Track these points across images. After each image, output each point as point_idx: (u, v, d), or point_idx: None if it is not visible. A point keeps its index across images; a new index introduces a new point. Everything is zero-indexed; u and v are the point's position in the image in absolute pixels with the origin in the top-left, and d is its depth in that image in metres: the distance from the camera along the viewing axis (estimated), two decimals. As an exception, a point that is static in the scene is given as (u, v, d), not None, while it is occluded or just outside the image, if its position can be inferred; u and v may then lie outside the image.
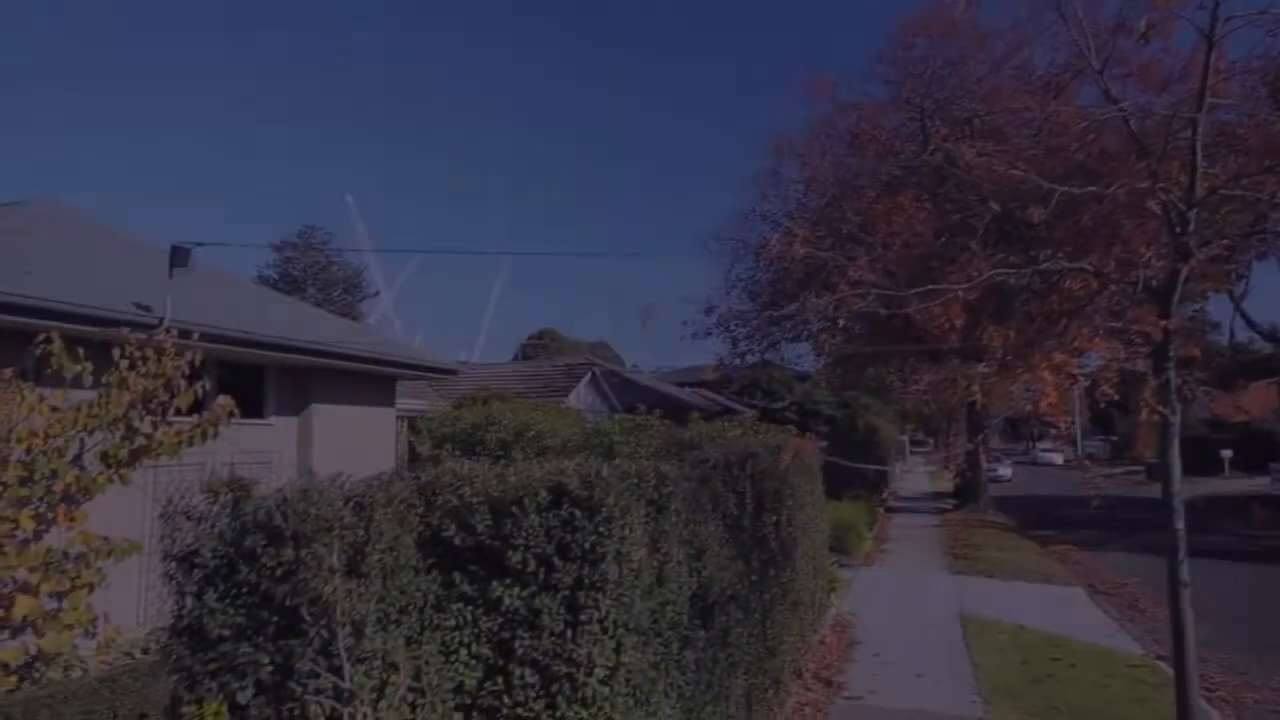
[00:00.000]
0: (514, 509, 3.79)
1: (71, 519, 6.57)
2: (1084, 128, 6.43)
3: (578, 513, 3.79)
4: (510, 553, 3.75)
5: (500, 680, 3.71)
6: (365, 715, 2.96)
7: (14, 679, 6.28)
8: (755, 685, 6.89)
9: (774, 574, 7.82)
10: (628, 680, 3.91)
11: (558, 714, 3.62)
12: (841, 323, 8.83)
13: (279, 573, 2.90)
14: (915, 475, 52.52)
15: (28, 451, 6.68)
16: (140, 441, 7.05)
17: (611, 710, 3.72)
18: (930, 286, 6.47)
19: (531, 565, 3.76)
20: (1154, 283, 5.91)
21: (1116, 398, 5.56)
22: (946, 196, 24.04)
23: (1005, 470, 44.78)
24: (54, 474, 6.80)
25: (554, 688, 3.66)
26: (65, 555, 6.83)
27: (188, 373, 7.47)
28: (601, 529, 3.79)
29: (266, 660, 2.88)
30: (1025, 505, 31.96)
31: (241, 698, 2.84)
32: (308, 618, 2.86)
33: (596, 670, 3.69)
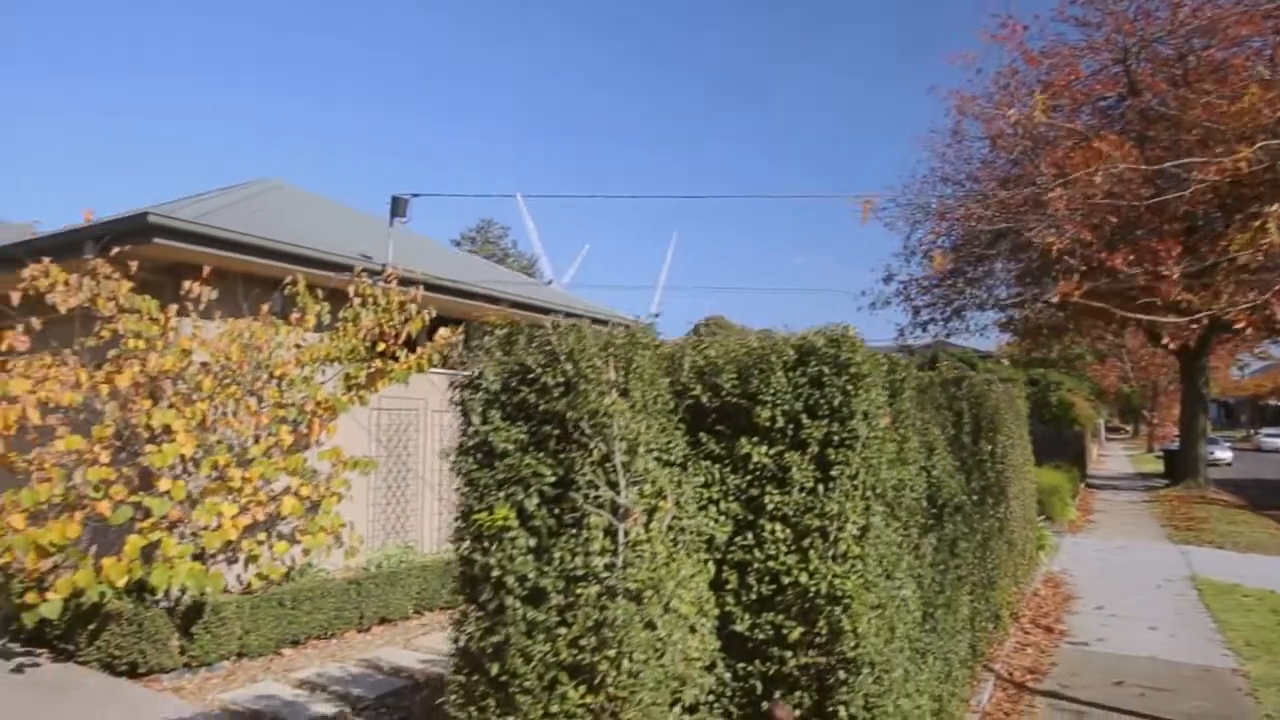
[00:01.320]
0: (761, 367, 3.79)
1: (326, 429, 7.19)
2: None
3: (825, 370, 3.74)
4: (758, 409, 3.74)
5: (750, 535, 3.73)
6: (638, 534, 3.04)
7: (283, 571, 6.96)
8: (978, 611, 6.59)
9: (991, 504, 7.44)
10: (876, 545, 3.82)
11: (810, 567, 3.59)
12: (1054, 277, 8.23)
13: (558, 391, 3.04)
14: (1114, 457, 48.52)
15: (282, 377, 7.38)
16: (377, 366, 7.60)
17: (864, 569, 3.64)
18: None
19: (780, 423, 3.75)
20: None
21: None
22: (1155, 142, 21.92)
23: (1224, 453, 40.41)
24: (305, 395, 7.45)
25: (805, 542, 3.63)
26: (315, 471, 7.50)
27: (415, 311, 7.96)
28: (849, 387, 3.72)
29: (549, 473, 3.03)
30: (1252, 488, 28.75)
31: (528, 505, 3.01)
32: (587, 430, 2.99)
33: (849, 526, 3.63)
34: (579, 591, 2.94)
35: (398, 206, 9.42)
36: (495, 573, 3.00)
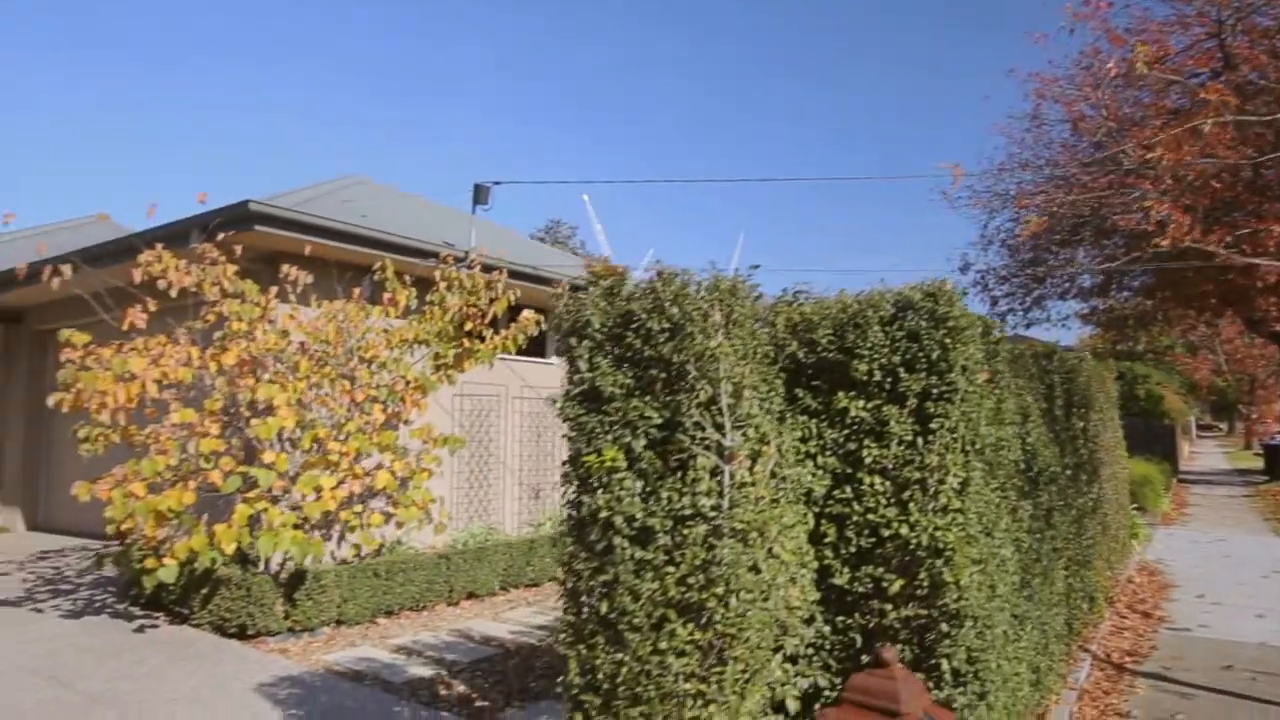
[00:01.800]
0: (857, 322, 3.80)
1: (418, 405, 7.42)
2: None
3: (923, 323, 3.72)
4: (855, 363, 3.75)
5: (848, 489, 3.74)
6: (743, 477, 3.09)
7: (377, 543, 7.20)
8: (1073, 589, 6.43)
9: (1084, 481, 7.25)
10: (976, 500, 3.79)
11: (910, 520, 3.58)
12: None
13: (663, 336, 3.11)
14: (1207, 455, 46.40)
15: (372, 359, 7.63)
16: (464, 346, 7.80)
17: (965, 522, 3.61)
18: None
19: (877, 376, 3.75)
20: None
21: None
22: (1255, 119, 20.90)
23: (1332, 449, 38.18)
24: (395, 376, 7.69)
25: (905, 494, 3.63)
26: (405, 449, 7.73)
27: (497, 294, 8.13)
28: (947, 340, 3.70)
29: (655, 415, 3.10)
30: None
31: (635, 447, 3.08)
32: (694, 373, 3.05)
33: (949, 479, 3.61)
34: (686, 531, 3.00)
35: (480, 194, 9.67)
36: (604, 514, 3.08)
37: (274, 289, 7.58)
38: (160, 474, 6.55)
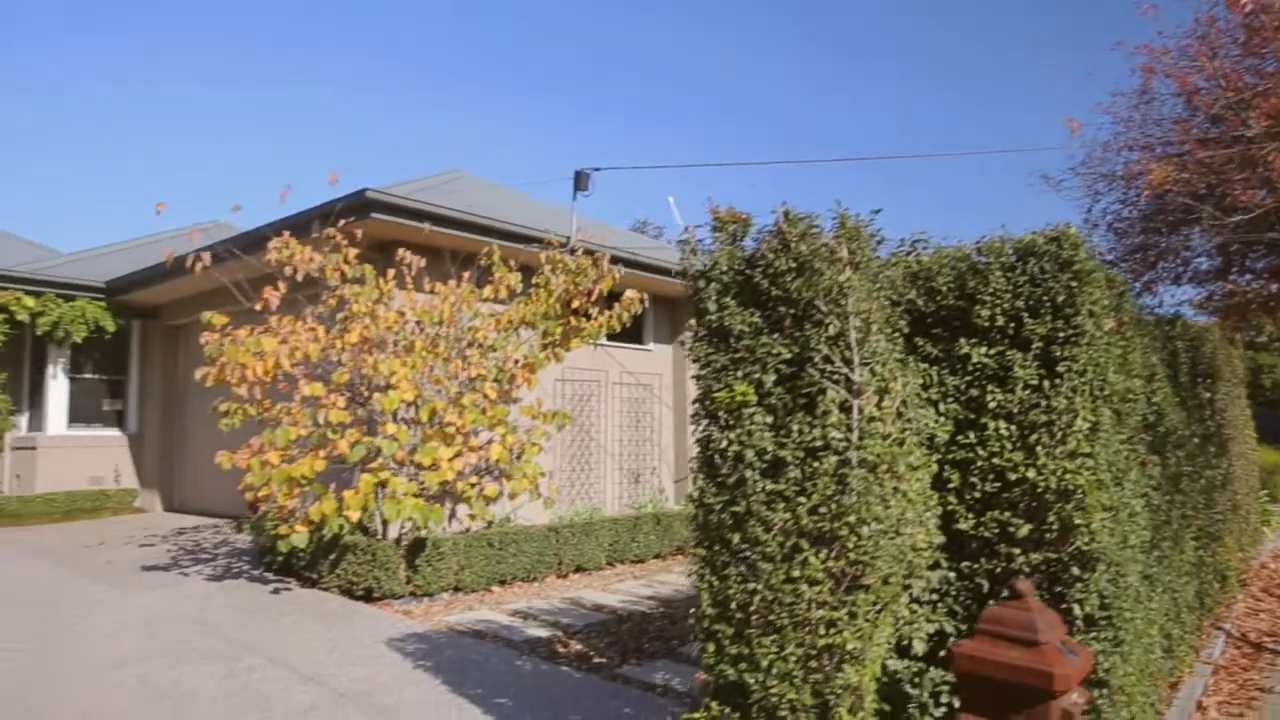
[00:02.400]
0: (978, 268, 3.79)
1: (527, 380, 7.68)
2: None
3: (1046, 267, 3.68)
4: (977, 309, 3.74)
5: (972, 434, 3.73)
6: (871, 411, 3.14)
7: (491, 513, 7.48)
8: (1204, 562, 6.18)
9: (1213, 452, 6.95)
10: (1106, 447, 3.72)
11: (1038, 463, 3.55)
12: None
13: (790, 274, 3.18)
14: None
15: (482, 341, 7.92)
16: (571, 324, 8.02)
17: (1095, 466, 3.56)
18: None
19: (1000, 322, 3.73)
20: None
21: None
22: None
23: None
24: (503, 357, 7.96)
25: (1032, 438, 3.59)
26: (514, 426, 7.99)
27: (603, 273, 8.32)
28: (1072, 284, 3.65)
29: (785, 351, 3.18)
30: None
31: (765, 382, 3.17)
32: (823, 308, 3.12)
33: (1078, 422, 3.56)
34: (816, 463, 3.07)
35: (580, 181, 9.91)
36: (734, 448, 3.18)
37: (391, 272, 7.96)
38: (292, 445, 6.98)
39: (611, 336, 10.76)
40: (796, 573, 3.04)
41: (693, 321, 3.46)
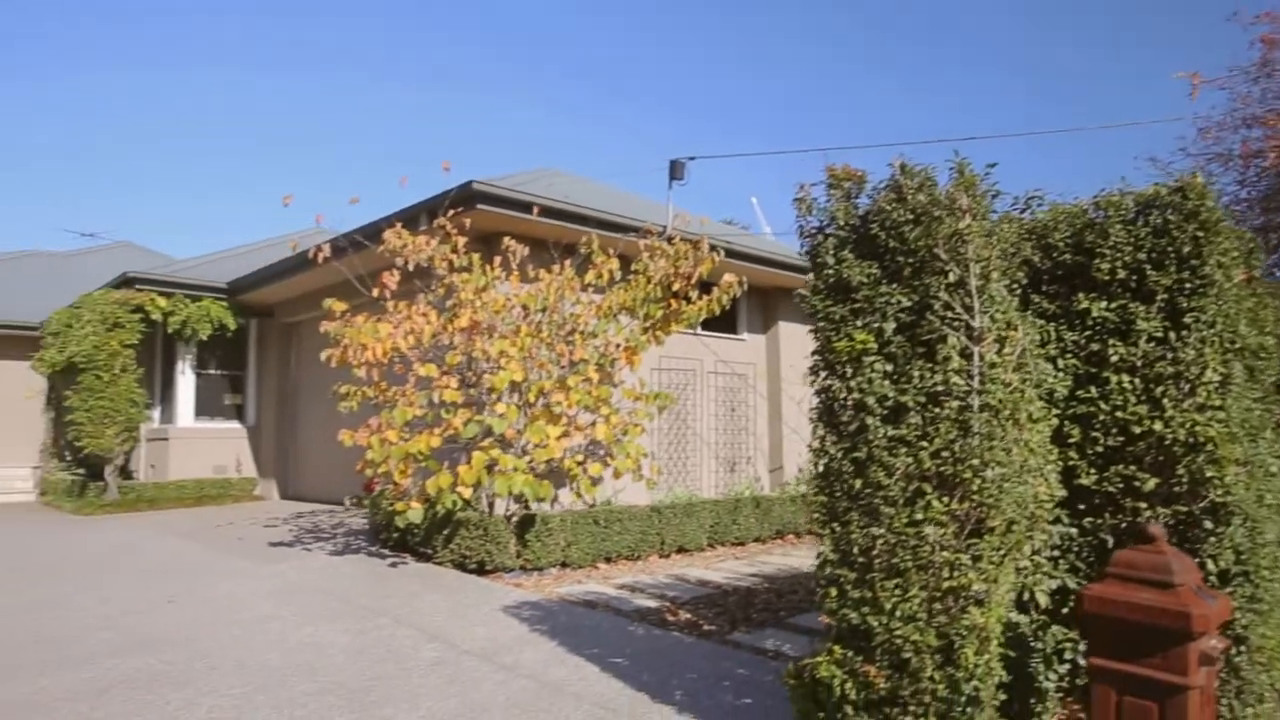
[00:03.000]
0: (1096, 222, 3.76)
1: (630, 361, 7.87)
2: None
3: (1171, 218, 3.63)
4: (1096, 263, 3.72)
5: (1093, 388, 3.70)
6: (992, 358, 3.17)
7: (595, 492, 7.69)
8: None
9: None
10: (1239, 401, 3.64)
11: (1165, 415, 3.51)
12: None
13: (908, 225, 3.24)
14: None
15: (583, 327, 8.14)
16: (671, 307, 8.18)
17: (1227, 419, 3.49)
18: None
19: (1120, 275, 3.69)
20: None
21: None
22: None
23: None
24: (604, 342, 8.17)
25: (1157, 390, 3.55)
26: (616, 409, 8.18)
27: (703, 255, 8.44)
28: (1199, 234, 3.58)
29: (903, 299, 3.24)
30: None
31: (885, 330, 3.24)
32: (942, 255, 3.17)
33: (1208, 373, 3.50)
34: (938, 408, 3.12)
35: (676, 170, 10.06)
36: (855, 396, 3.25)
37: (497, 259, 8.27)
38: (408, 425, 7.34)
39: (706, 326, 10.88)
40: (919, 516, 3.09)
41: (809, 277, 3.54)
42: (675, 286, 8.29)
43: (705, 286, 9.14)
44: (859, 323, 3.30)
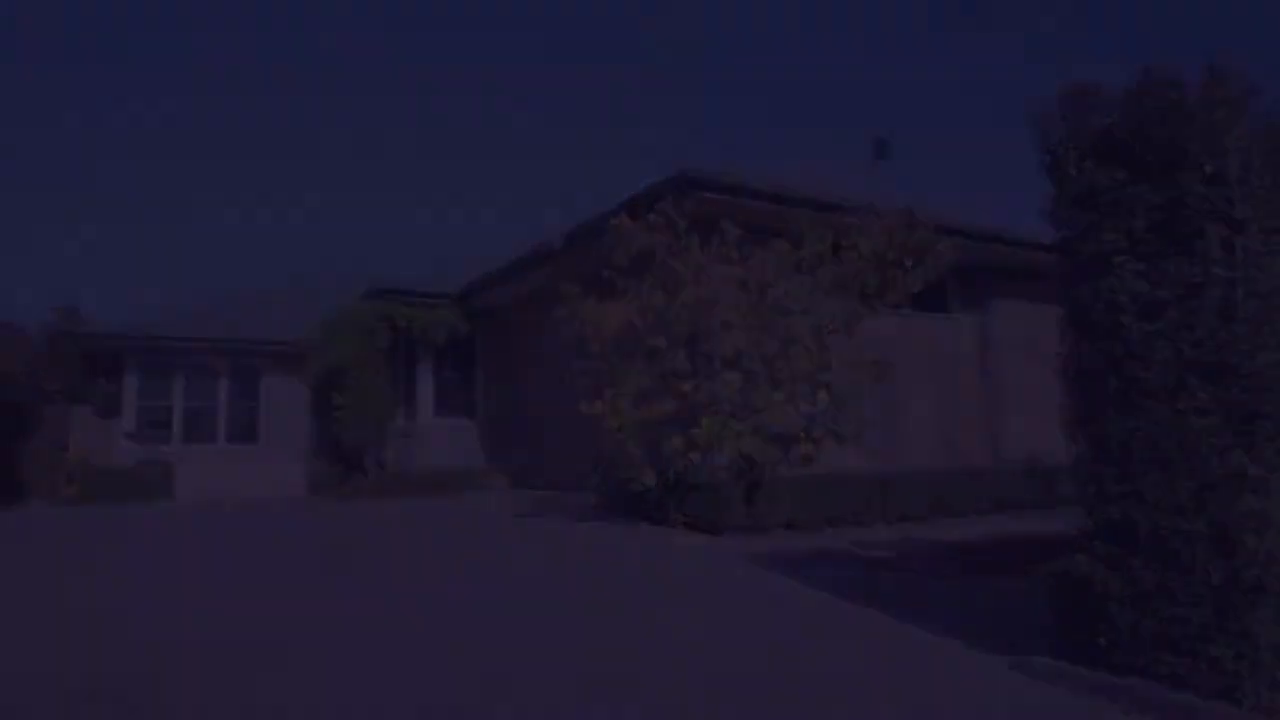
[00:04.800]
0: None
1: (850, 333, 8.07)
2: None
3: None
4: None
5: None
6: (1255, 248, 3.16)
7: (816, 456, 7.92)
8: None
9: None
10: None
11: None
12: None
13: (1154, 128, 3.31)
14: None
15: (796, 303, 8.40)
16: (886, 278, 8.28)
17: None
18: None
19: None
20: None
21: None
22: None
23: None
24: (818, 316, 8.37)
25: None
26: (828, 387, 8.35)
27: (915, 224, 8.48)
28: None
29: (1154, 198, 3.30)
30: None
31: (1136, 229, 3.31)
32: (1196, 150, 3.20)
33: None
34: (1198, 300, 3.16)
35: (880, 148, 10.13)
36: (1106, 295, 3.35)
37: (714, 239, 8.72)
38: (641, 394, 7.92)
39: (917, 306, 10.77)
40: (1184, 405, 3.14)
41: (1052, 190, 3.66)
42: (889, 256, 8.37)
43: (916, 262, 9.10)
44: (1109, 224, 3.40)
